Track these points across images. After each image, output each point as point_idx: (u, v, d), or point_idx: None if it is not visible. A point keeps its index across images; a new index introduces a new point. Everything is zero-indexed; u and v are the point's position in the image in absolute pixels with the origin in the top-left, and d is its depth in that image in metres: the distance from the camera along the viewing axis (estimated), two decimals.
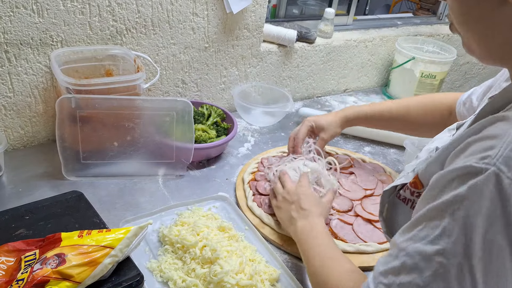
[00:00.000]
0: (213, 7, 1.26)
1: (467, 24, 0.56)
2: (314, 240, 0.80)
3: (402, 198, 0.69)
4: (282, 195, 0.94)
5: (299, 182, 0.95)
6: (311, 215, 0.86)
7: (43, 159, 1.11)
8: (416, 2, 2.51)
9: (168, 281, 0.80)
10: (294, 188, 0.93)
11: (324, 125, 1.13)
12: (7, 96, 1.07)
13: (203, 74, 1.37)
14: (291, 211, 0.89)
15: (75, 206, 0.87)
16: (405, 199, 0.68)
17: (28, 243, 0.74)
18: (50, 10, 1.02)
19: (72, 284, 0.66)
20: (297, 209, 0.88)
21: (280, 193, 0.95)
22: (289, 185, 0.94)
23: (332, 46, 1.63)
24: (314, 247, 0.78)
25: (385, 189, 0.73)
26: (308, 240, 0.81)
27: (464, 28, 0.57)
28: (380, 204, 0.74)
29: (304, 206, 0.88)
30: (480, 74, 2.25)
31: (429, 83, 1.69)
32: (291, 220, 0.88)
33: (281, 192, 0.95)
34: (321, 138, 1.13)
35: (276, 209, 0.95)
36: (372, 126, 1.21)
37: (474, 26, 0.55)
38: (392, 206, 0.71)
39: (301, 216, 0.86)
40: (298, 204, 0.89)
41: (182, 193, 1.06)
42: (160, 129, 1.07)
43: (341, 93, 1.78)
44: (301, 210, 0.87)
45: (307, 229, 0.83)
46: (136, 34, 1.17)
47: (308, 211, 0.87)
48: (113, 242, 0.70)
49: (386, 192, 0.72)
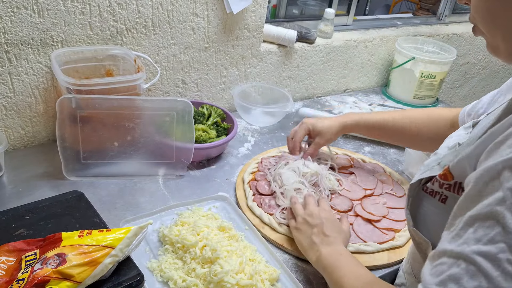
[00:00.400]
0: (213, 7, 1.26)
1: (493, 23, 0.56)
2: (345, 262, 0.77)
3: (429, 191, 0.68)
4: (302, 217, 0.90)
5: (321, 205, 0.92)
6: (335, 243, 0.83)
7: (44, 159, 1.11)
8: (416, 3, 2.51)
9: (168, 281, 0.80)
10: (317, 211, 0.89)
11: (321, 129, 1.12)
12: (7, 96, 1.07)
13: (203, 74, 1.37)
14: (312, 236, 0.85)
15: (75, 206, 0.87)
16: (433, 192, 0.67)
17: (28, 243, 0.74)
18: (51, 10, 1.02)
19: (72, 284, 0.66)
20: (319, 234, 0.85)
21: (300, 215, 0.91)
22: (312, 208, 0.91)
23: (332, 46, 1.63)
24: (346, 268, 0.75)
25: (411, 182, 0.72)
26: (337, 263, 0.77)
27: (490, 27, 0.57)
28: (406, 198, 0.73)
29: (327, 232, 0.84)
30: (480, 74, 2.26)
31: (429, 83, 1.69)
32: (313, 246, 0.84)
33: (301, 214, 0.91)
34: (316, 143, 1.13)
35: (295, 231, 0.91)
36: (371, 135, 1.19)
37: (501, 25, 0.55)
38: (417, 199, 0.71)
39: (325, 243, 0.83)
40: (320, 229, 0.85)
41: (182, 193, 1.06)
42: (160, 129, 1.07)
43: (341, 93, 1.79)
44: (324, 237, 0.84)
45: (335, 255, 0.80)
46: (136, 34, 1.17)
47: (332, 237, 0.83)
48: (113, 242, 0.71)
49: (413, 185, 0.71)
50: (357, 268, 0.75)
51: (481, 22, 0.58)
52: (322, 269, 0.80)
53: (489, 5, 0.55)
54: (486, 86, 2.34)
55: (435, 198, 0.67)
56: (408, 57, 1.67)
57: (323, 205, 0.93)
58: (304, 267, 0.90)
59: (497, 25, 0.56)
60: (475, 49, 2.12)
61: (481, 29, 0.59)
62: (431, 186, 0.67)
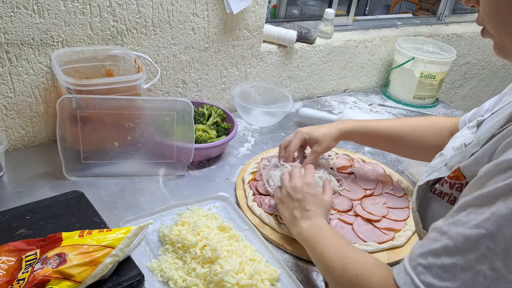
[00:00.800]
0: (213, 8, 1.26)
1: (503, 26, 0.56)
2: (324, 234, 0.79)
3: (438, 192, 0.68)
4: (286, 189, 0.92)
5: (306, 177, 0.93)
6: (314, 216, 0.84)
7: (44, 159, 1.11)
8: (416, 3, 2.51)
9: (168, 281, 0.80)
10: (300, 185, 0.90)
11: (318, 137, 1.07)
12: (8, 96, 1.07)
13: (203, 74, 1.37)
14: (294, 210, 0.87)
15: (75, 206, 0.87)
16: (441, 193, 0.67)
17: (28, 243, 0.74)
18: (51, 10, 1.02)
19: (72, 283, 0.66)
20: (300, 209, 0.87)
21: (285, 186, 0.93)
22: (296, 180, 0.92)
23: (332, 47, 1.63)
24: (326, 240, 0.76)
25: (419, 183, 0.72)
26: (317, 235, 0.79)
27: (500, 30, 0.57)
28: (415, 200, 0.73)
29: (308, 206, 0.86)
30: (480, 74, 2.26)
31: (428, 83, 1.69)
32: (294, 220, 0.86)
33: (286, 185, 0.92)
34: (314, 151, 1.08)
35: (279, 202, 0.93)
36: (368, 143, 1.16)
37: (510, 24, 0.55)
38: (424, 200, 0.71)
39: (305, 217, 0.85)
40: (302, 204, 0.87)
41: (183, 193, 1.06)
42: (160, 129, 1.07)
43: (341, 93, 1.79)
44: (304, 211, 0.86)
45: (314, 227, 0.82)
46: (136, 35, 1.17)
47: (311, 211, 0.85)
48: (113, 241, 0.71)
49: (421, 187, 0.72)
50: (337, 239, 0.76)
51: (490, 24, 0.58)
52: (303, 242, 0.83)
53: (498, 8, 0.55)
54: (486, 86, 2.34)
55: (443, 199, 0.67)
56: (408, 57, 1.67)
57: (308, 177, 0.93)
58: (304, 267, 0.90)
59: (506, 28, 0.56)
60: (475, 49, 2.12)
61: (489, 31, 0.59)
62: (439, 188, 0.68)
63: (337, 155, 1.26)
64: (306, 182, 0.91)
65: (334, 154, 1.26)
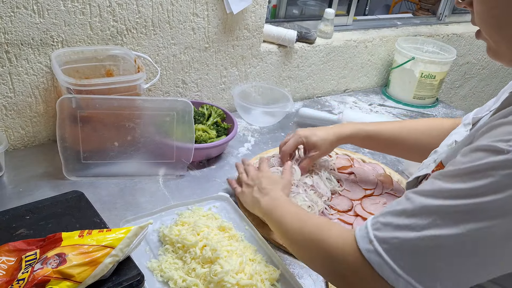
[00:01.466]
0: (213, 8, 1.26)
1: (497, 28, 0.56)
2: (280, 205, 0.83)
3: None
4: (245, 182, 0.98)
5: (259, 167, 1.00)
6: (272, 191, 0.89)
7: (44, 159, 1.11)
8: (416, 3, 2.51)
9: (168, 281, 0.80)
10: (255, 174, 0.98)
11: (316, 142, 1.06)
12: (7, 96, 1.07)
13: (203, 74, 1.37)
14: (253, 193, 0.93)
15: (75, 206, 0.87)
16: None
17: (28, 243, 0.74)
18: (51, 10, 1.02)
19: (72, 283, 0.66)
20: (259, 190, 0.92)
21: (243, 180, 0.99)
22: (252, 173, 0.99)
23: (332, 46, 1.63)
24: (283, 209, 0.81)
25: (408, 180, 0.74)
26: (275, 208, 0.83)
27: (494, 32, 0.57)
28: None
29: (263, 185, 0.92)
30: (480, 74, 2.26)
31: (428, 83, 1.69)
32: (254, 201, 0.91)
33: (244, 179, 0.99)
34: (310, 156, 1.08)
35: (240, 195, 0.98)
36: (367, 146, 1.14)
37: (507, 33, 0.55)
38: None
39: (263, 194, 0.90)
40: (259, 185, 0.93)
41: (182, 193, 1.06)
42: (160, 129, 1.07)
43: (341, 93, 1.79)
44: (262, 190, 0.91)
45: (271, 201, 0.86)
46: (136, 35, 1.17)
47: (267, 189, 0.90)
48: (113, 241, 0.71)
49: (410, 183, 0.74)
50: (293, 207, 0.81)
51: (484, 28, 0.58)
52: (264, 216, 0.87)
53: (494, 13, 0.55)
54: (486, 86, 2.34)
55: None
56: (408, 57, 1.67)
57: (261, 166, 1.00)
58: (304, 267, 0.90)
59: (502, 33, 0.56)
60: (475, 49, 2.12)
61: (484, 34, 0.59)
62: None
63: (337, 155, 1.26)
64: (261, 169, 0.99)
65: (334, 154, 1.26)
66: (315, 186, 1.08)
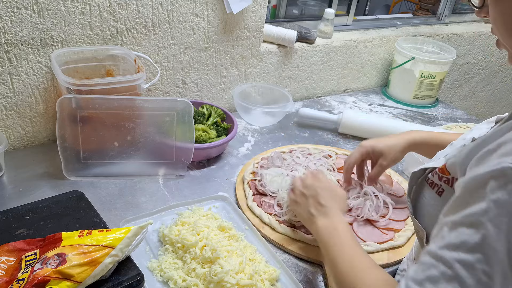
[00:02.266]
0: (213, 8, 1.26)
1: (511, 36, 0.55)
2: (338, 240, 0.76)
3: (430, 182, 0.68)
4: (299, 189, 0.90)
5: (316, 176, 0.91)
6: (331, 212, 0.82)
7: (44, 159, 1.11)
8: (416, 3, 2.51)
9: (168, 281, 0.80)
10: (312, 183, 0.89)
11: (383, 150, 1.01)
12: (7, 96, 1.07)
13: (203, 74, 1.37)
14: (309, 207, 0.85)
15: (75, 206, 0.87)
16: (432, 184, 0.67)
17: (28, 243, 0.74)
18: (51, 10, 1.02)
19: (72, 283, 0.66)
20: (315, 205, 0.84)
21: (297, 187, 0.91)
22: (308, 180, 0.90)
23: (332, 47, 1.63)
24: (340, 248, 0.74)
25: (414, 170, 0.72)
26: (331, 240, 0.77)
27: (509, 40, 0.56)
28: (408, 185, 0.73)
29: (322, 201, 0.84)
30: (480, 74, 2.26)
31: (428, 83, 1.69)
32: (311, 218, 0.84)
33: (298, 186, 0.91)
34: (379, 165, 1.03)
35: (294, 204, 0.91)
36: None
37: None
38: (419, 188, 0.71)
39: (321, 214, 0.83)
40: (316, 199, 0.85)
41: (182, 193, 1.06)
42: (160, 129, 1.07)
43: (341, 93, 1.79)
44: (319, 207, 0.84)
45: (329, 229, 0.79)
46: (136, 35, 1.17)
47: (327, 207, 0.83)
48: (113, 241, 0.71)
49: (415, 173, 0.72)
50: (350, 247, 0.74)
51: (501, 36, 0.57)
52: (318, 241, 0.81)
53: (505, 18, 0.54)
54: (486, 86, 2.34)
55: (433, 190, 0.67)
56: (408, 57, 1.67)
57: (319, 176, 0.92)
58: (304, 267, 0.90)
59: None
60: (475, 49, 2.12)
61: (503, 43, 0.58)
62: (431, 178, 0.68)
63: (337, 155, 1.26)
64: (318, 179, 0.90)
65: (334, 154, 1.26)
66: None
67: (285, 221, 0.98)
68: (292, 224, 0.98)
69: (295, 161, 1.19)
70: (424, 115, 1.68)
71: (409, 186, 0.73)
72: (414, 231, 0.99)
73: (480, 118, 2.30)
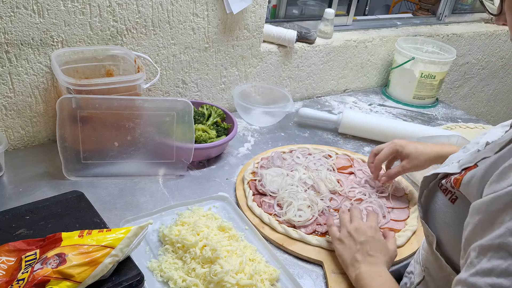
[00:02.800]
0: (213, 8, 1.26)
1: None
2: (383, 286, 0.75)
3: (443, 188, 0.67)
4: (348, 230, 0.87)
5: (368, 221, 0.89)
6: (377, 263, 0.80)
7: (44, 159, 1.11)
8: (416, 3, 2.51)
9: (168, 281, 0.80)
10: (364, 227, 0.86)
11: (411, 153, 1.00)
12: (7, 96, 1.07)
13: (203, 74, 1.37)
14: (355, 253, 0.83)
15: (75, 206, 0.87)
16: (446, 190, 0.66)
17: (28, 243, 0.74)
18: (51, 10, 1.02)
19: (72, 283, 0.66)
20: (363, 253, 0.82)
21: (346, 227, 0.88)
22: (358, 222, 0.88)
23: (332, 47, 1.63)
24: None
25: (426, 175, 0.71)
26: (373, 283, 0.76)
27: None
28: (419, 190, 0.72)
29: (371, 252, 0.82)
30: (480, 74, 2.26)
31: (428, 83, 1.69)
32: (354, 263, 0.82)
33: (347, 227, 0.88)
34: (402, 166, 1.03)
35: (338, 242, 0.88)
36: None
37: None
38: (431, 193, 0.70)
39: (367, 262, 0.81)
40: (365, 247, 0.83)
41: (182, 193, 1.06)
42: (160, 129, 1.07)
43: (341, 93, 1.79)
44: (367, 256, 0.82)
45: (373, 275, 0.78)
46: (136, 35, 1.17)
47: (375, 257, 0.81)
48: (113, 241, 0.71)
49: (427, 178, 0.71)
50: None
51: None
52: (359, 285, 0.78)
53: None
54: (486, 86, 2.34)
55: (446, 196, 0.66)
56: (408, 57, 1.67)
57: (371, 220, 0.89)
58: (304, 267, 0.90)
59: None
60: (475, 49, 2.12)
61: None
62: (445, 184, 0.67)
63: (337, 155, 1.26)
64: (370, 225, 0.87)
65: (334, 154, 1.26)
66: (315, 186, 1.08)
67: (285, 221, 0.98)
68: (292, 224, 0.98)
69: (295, 161, 1.19)
70: (424, 115, 1.68)
71: (420, 190, 0.72)
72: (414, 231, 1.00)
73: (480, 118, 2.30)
